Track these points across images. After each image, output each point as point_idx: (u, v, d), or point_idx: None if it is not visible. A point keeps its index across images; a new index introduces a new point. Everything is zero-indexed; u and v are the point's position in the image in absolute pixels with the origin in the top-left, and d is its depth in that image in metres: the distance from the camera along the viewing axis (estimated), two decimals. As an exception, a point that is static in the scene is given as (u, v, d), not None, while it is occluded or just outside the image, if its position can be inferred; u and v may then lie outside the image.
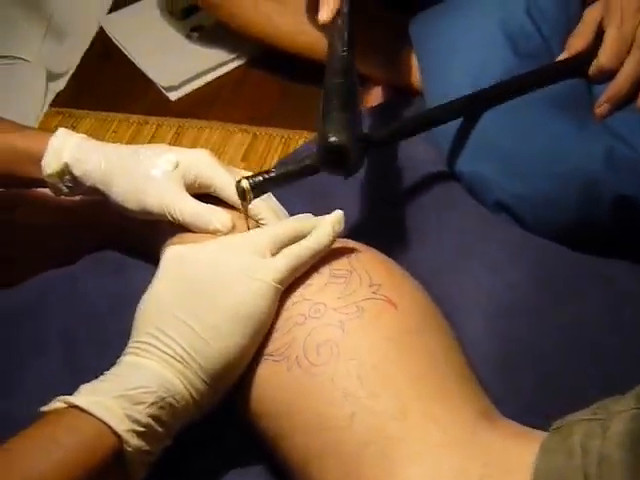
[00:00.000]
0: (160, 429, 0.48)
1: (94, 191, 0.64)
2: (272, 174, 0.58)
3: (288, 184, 0.60)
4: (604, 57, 0.71)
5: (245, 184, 0.57)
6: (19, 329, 0.67)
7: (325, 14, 0.68)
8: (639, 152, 0.66)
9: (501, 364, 0.58)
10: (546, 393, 0.56)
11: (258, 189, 0.58)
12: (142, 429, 0.46)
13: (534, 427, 0.48)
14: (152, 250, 0.66)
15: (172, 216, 0.60)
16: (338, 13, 0.68)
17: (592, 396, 0.47)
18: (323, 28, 0.71)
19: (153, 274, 0.55)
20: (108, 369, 0.50)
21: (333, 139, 0.56)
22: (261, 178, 0.58)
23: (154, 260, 0.66)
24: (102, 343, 0.65)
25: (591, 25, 0.73)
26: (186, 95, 1.14)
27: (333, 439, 0.47)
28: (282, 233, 0.55)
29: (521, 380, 0.57)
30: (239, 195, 0.58)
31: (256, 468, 0.56)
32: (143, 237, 0.69)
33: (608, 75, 0.71)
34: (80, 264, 0.73)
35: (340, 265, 0.54)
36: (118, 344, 0.53)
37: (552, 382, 0.57)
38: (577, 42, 0.73)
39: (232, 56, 1.16)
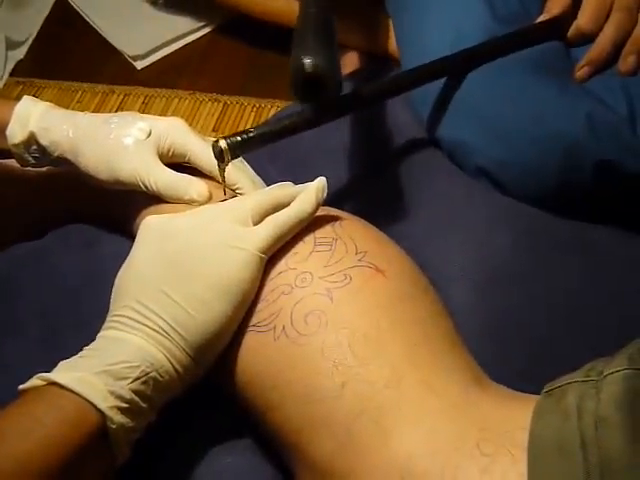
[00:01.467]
0: (144, 405, 0.46)
1: (62, 161, 0.62)
2: (250, 134, 0.57)
3: (267, 145, 0.58)
4: (583, 19, 0.70)
5: (223, 144, 0.55)
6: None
7: None
8: (620, 115, 0.66)
9: (489, 332, 0.58)
10: (536, 359, 0.56)
11: (236, 150, 0.56)
12: (126, 405, 0.45)
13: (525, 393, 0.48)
14: (124, 223, 0.65)
15: (146, 186, 0.58)
16: None
17: (582, 360, 0.47)
18: None
19: (125, 248, 0.54)
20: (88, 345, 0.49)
21: (308, 61, 0.53)
22: (239, 138, 0.56)
23: (127, 233, 0.65)
24: (79, 320, 0.63)
25: (570, -14, 0.72)
26: (153, 64, 1.11)
27: (324, 410, 0.47)
28: (264, 201, 0.53)
29: (510, 347, 0.57)
30: (216, 156, 0.56)
31: (244, 442, 0.55)
32: (115, 209, 0.67)
33: (587, 38, 0.71)
34: (48, 238, 0.71)
35: (324, 233, 0.53)
36: (96, 321, 0.51)
37: (541, 348, 0.57)
38: (556, 4, 0.72)
39: (200, 24, 1.14)
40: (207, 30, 1.14)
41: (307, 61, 0.53)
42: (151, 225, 0.53)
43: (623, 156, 0.65)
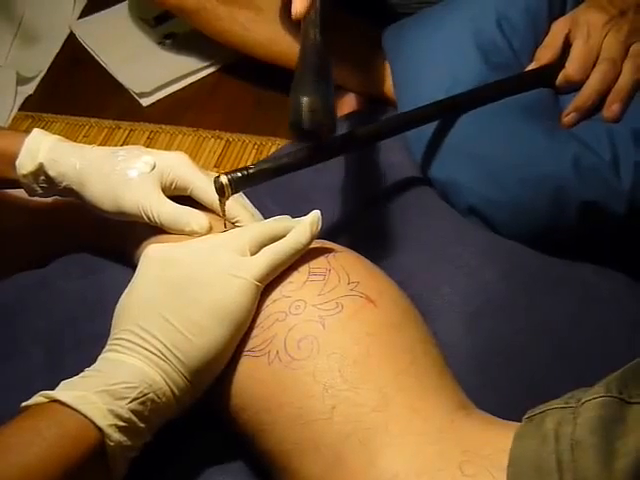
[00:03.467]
0: (142, 424, 0.48)
1: (69, 192, 0.64)
2: (251, 170, 0.59)
3: (266, 181, 0.60)
4: (571, 68, 0.74)
5: (224, 179, 0.57)
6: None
7: (299, 6, 0.68)
8: (604, 159, 0.69)
9: (476, 362, 0.59)
10: (521, 389, 0.57)
11: (237, 185, 0.58)
12: (124, 424, 0.46)
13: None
14: (127, 252, 0.66)
15: (149, 217, 0.60)
16: (312, 6, 0.68)
17: (565, 391, 0.49)
18: (298, 24, 0.71)
19: (125, 276, 0.55)
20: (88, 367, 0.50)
21: (306, 105, 0.55)
22: (240, 174, 0.58)
23: (127, 262, 0.67)
24: (79, 344, 0.64)
25: (559, 37, 0.75)
26: (159, 101, 1.14)
27: (314, 432, 0.48)
28: (261, 232, 0.55)
29: (496, 378, 0.59)
30: (217, 191, 0.58)
31: (237, 464, 0.56)
32: (118, 239, 0.69)
33: (575, 85, 0.74)
34: (51, 267, 0.73)
35: (318, 264, 0.55)
36: (95, 345, 0.53)
37: (526, 379, 0.58)
38: (545, 53, 0.76)
39: (205, 63, 1.16)
40: (213, 69, 1.16)
41: (305, 104, 0.55)
42: (153, 254, 0.55)
43: (606, 197, 0.68)
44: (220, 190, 0.58)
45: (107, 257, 0.72)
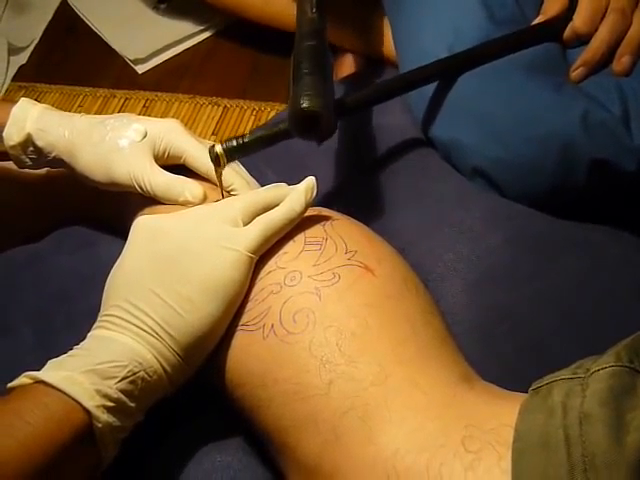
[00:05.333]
0: (132, 404, 0.46)
1: (59, 163, 0.62)
2: (246, 139, 0.57)
3: (262, 149, 0.59)
4: (579, 20, 0.70)
5: (219, 149, 0.56)
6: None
7: None
8: (614, 114, 0.66)
9: (480, 330, 0.58)
10: (526, 358, 0.55)
11: (232, 154, 0.57)
12: (112, 404, 0.45)
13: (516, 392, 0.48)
14: (121, 224, 0.65)
15: (141, 187, 0.59)
16: None
17: (573, 359, 0.47)
18: None
19: (120, 249, 0.54)
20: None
21: (305, 105, 0.55)
22: (235, 143, 0.57)
23: (123, 235, 0.65)
24: (71, 320, 0.63)
25: (566, -11, 0.72)
26: (154, 68, 1.12)
27: (310, 408, 0.46)
28: (254, 201, 0.53)
29: (501, 346, 0.57)
30: (212, 160, 0.57)
31: (236, 441, 0.54)
32: (111, 211, 0.67)
33: (583, 39, 0.71)
34: (46, 241, 0.72)
35: (314, 233, 0.53)
36: (88, 321, 0.51)
37: (531, 347, 0.56)
38: (552, 6, 0.72)
39: (200, 28, 1.14)
40: (208, 34, 1.14)
41: (304, 105, 0.55)
42: (142, 225, 0.54)
43: (617, 155, 0.65)
44: (215, 160, 0.57)
45: (102, 230, 0.71)
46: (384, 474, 0.43)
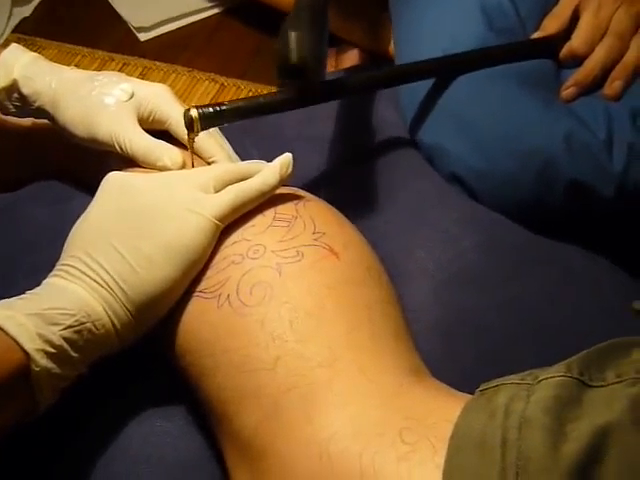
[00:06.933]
0: (74, 354, 0.46)
1: (42, 113, 0.61)
2: (224, 107, 0.56)
3: (239, 120, 0.57)
4: (577, 41, 0.70)
5: (194, 113, 0.55)
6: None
7: None
8: (598, 138, 0.66)
9: (443, 332, 0.57)
10: (485, 364, 0.55)
11: (207, 121, 0.55)
12: (53, 350, 0.44)
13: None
14: (97, 182, 0.64)
15: (121, 148, 0.58)
16: None
17: (529, 367, 0.46)
18: None
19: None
20: (31, 290, 0.48)
21: (294, 48, 0.53)
22: (212, 110, 0.56)
23: (98, 193, 0.65)
24: (34, 269, 0.62)
25: (568, 8, 0.72)
26: (156, 38, 1.11)
27: (254, 381, 0.46)
28: (229, 171, 0.53)
29: (462, 350, 0.57)
30: (186, 125, 0.55)
31: (179, 408, 0.54)
32: (90, 169, 0.66)
33: (579, 59, 0.71)
34: (23, 192, 0.71)
35: (285, 210, 0.53)
36: (50, 271, 0.51)
37: (492, 354, 0.56)
38: (552, 23, 0.72)
39: (209, 4, 1.13)
40: (215, 11, 1.13)
41: (293, 38, 0.53)
42: (112, 180, 0.53)
43: (596, 179, 0.65)
44: (189, 124, 0.55)
45: (80, 188, 0.70)
46: (317, 455, 0.42)
